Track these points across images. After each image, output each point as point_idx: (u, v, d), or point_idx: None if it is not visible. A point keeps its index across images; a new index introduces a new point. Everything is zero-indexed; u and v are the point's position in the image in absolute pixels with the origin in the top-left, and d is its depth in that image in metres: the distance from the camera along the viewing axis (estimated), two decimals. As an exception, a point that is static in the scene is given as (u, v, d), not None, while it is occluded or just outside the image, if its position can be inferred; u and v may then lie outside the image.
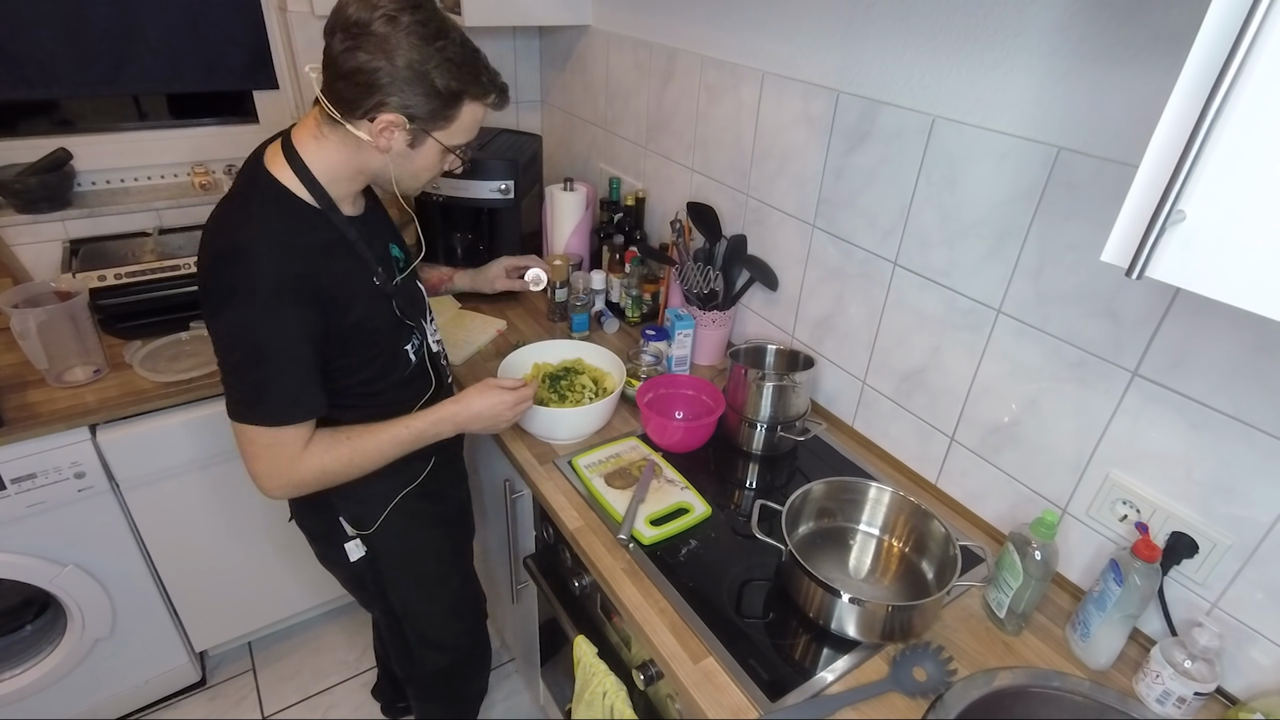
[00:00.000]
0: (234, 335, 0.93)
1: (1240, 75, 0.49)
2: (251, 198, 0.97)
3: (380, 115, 0.92)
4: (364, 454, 1.06)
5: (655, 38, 1.67)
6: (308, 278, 0.94)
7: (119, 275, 1.59)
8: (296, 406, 0.98)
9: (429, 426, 1.12)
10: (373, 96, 0.91)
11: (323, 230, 0.99)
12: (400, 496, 1.22)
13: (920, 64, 1.10)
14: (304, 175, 0.97)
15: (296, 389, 0.97)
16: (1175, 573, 0.95)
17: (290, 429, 0.98)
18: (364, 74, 0.89)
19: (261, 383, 0.95)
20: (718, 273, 1.54)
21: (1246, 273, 0.53)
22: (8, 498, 1.39)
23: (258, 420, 0.96)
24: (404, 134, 0.95)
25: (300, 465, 1.00)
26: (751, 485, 1.33)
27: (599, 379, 1.46)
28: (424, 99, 0.93)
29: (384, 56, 0.88)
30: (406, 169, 1.01)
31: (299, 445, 0.99)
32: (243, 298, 0.90)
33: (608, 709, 1.15)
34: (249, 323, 0.91)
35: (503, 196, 1.72)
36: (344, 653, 2.03)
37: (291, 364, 0.95)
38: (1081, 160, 0.93)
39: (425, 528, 1.28)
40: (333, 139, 0.97)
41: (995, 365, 1.12)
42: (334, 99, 0.93)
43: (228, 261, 0.92)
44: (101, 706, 1.75)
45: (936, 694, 0.93)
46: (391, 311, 1.09)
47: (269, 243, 0.92)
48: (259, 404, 0.96)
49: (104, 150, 1.81)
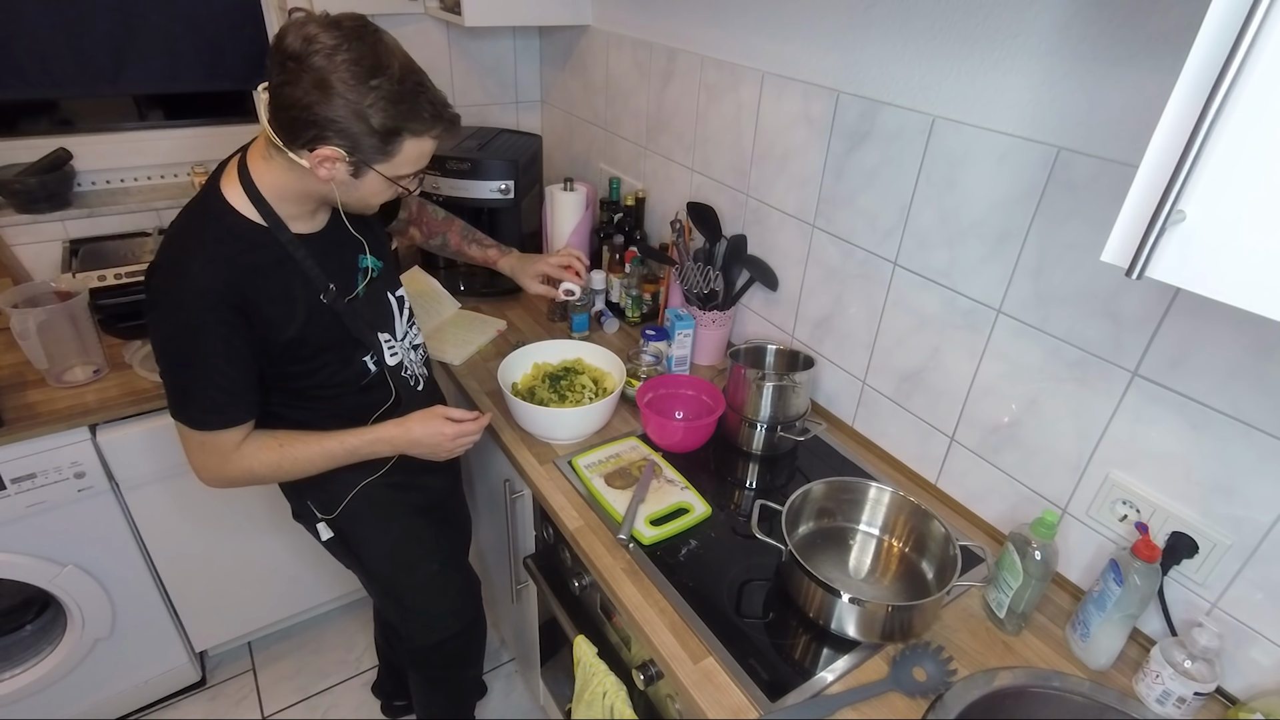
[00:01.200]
0: (161, 342, 0.98)
1: (1240, 75, 0.49)
2: (196, 215, 0.99)
3: (319, 148, 0.91)
4: (292, 461, 1.09)
5: (655, 38, 1.67)
6: (236, 293, 0.95)
7: (119, 275, 1.59)
8: (218, 415, 1.01)
9: (364, 445, 1.14)
10: (309, 130, 0.89)
11: (265, 249, 1.00)
12: (361, 485, 1.23)
13: (920, 64, 1.10)
14: (253, 194, 0.98)
15: (220, 398, 1.01)
16: (1175, 573, 0.95)
17: (217, 433, 1.02)
18: (299, 109, 0.87)
19: (186, 389, 0.99)
20: (718, 273, 1.54)
21: (1246, 273, 0.53)
22: (8, 498, 1.39)
23: (186, 421, 1.01)
24: (345, 165, 0.94)
25: (229, 465, 1.05)
26: (751, 485, 1.33)
27: (599, 379, 1.46)
28: (362, 136, 0.91)
29: (319, 94, 0.86)
30: (353, 195, 1.01)
31: (229, 446, 1.04)
32: (168, 309, 0.95)
33: (608, 709, 1.15)
34: (174, 334, 0.96)
35: (503, 196, 1.72)
36: (344, 653, 2.03)
37: (214, 373, 0.98)
38: (1081, 160, 0.93)
39: (394, 515, 1.30)
40: (278, 162, 0.96)
41: (995, 365, 1.12)
42: (276, 126, 0.92)
43: (161, 274, 0.96)
44: (101, 706, 1.75)
45: (936, 694, 0.93)
46: (340, 326, 1.09)
47: (200, 259, 0.95)
48: (187, 406, 1.00)
49: (104, 150, 1.81)
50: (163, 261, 0.97)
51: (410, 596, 1.40)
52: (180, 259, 0.95)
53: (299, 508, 1.29)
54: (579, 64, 2.00)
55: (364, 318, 1.13)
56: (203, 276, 0.94)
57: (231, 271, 0.95)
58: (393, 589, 1.39)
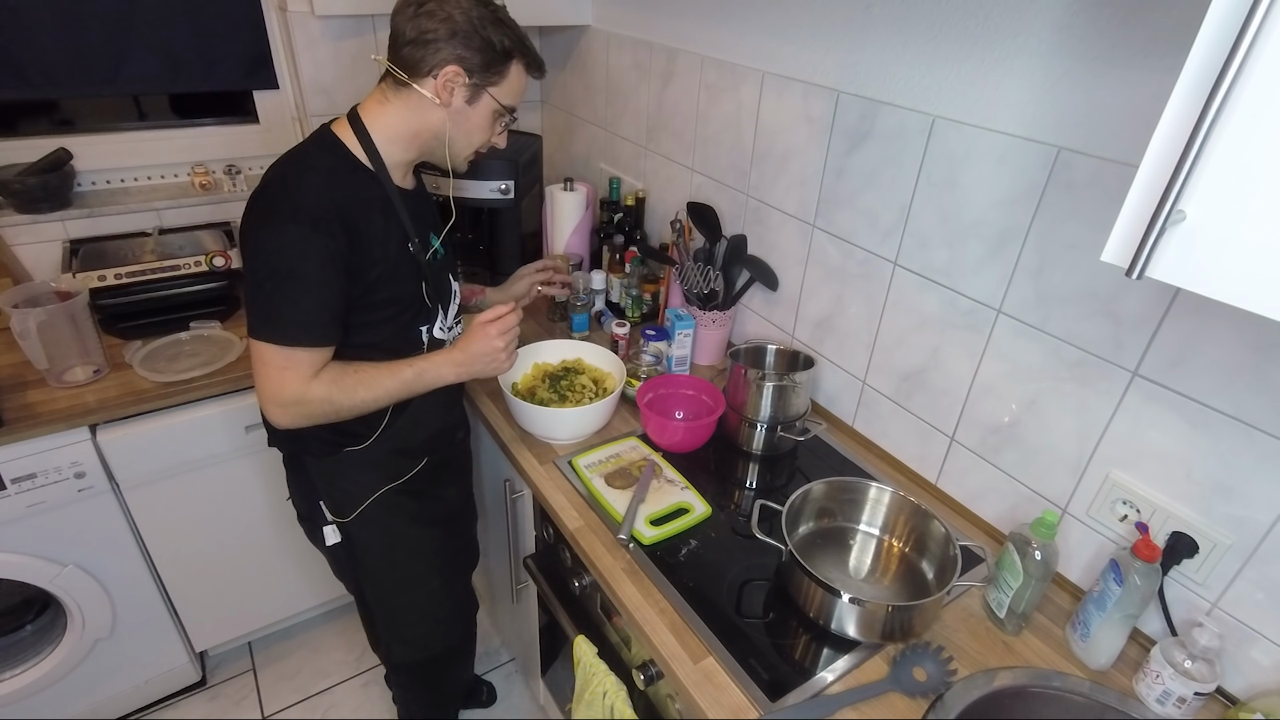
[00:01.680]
0: (265, 252, 0.98)
1: (1240, 75, 0.49)
2: (310, 148, 1.06)
3: (443, 69, 1.02)
4: (369, 387, 1.08)
5: (655, 38, 1.67)
6: (345, 214, 1.00)
7: (119, 275, 1.59)
8: (313, 330, 1.01)
9: (432, 367, 1.14)
10: (437, 53, 1.01)
11: (370, 187, 1.06)
12: (382, 491, 1.23)
13: (920, 64, 1.10)
14: (364, 139, 1.06)
15: (316, 312, 1.01)
16: (1175, 573, 0.95)
17: (303, 351, 1.01)
18: (427, 34, 1.00)
19: (283, 301, 0.99)
20: (718, 273, 1.54)
21: (1247, 272, 0.53)
22: (8, 498, 1.39)
23: (274, 338, 0.99)
24: (463, 89, 1.04)
25: (308, 390, 1.03)
26: (751, 485, 1.33)
27: (599, 379, 1.46)
28: (479, 53, 1.02)
29: (445, 17, 1.00)
30: (462, 127, 1.08)
31: (309, 369, 1.03)
32: (281, 218, 0.97)
33: (608, 709, 1.15)
34: (282, 242, 0.97)
35: (503, 196, 1.72)
36: (344, 653, 2.03)
37: (315, 287, 0.99)
38: (1081, 160, 0.93)
39: (406, 525, 1.29)
40: (396, 102, 1.06)
41: (995, 365, 1.12)
42: (401, 64, 1.03)
43: (274, 186, 1.01)
44: (101, 706, 1.75)
45: (936, 694, 0.93)
46: (418, 280, 1.13)
47: (316, 177, 1.01)
48: (277, 321, 0.99)
49: (104, 150, 1.81)
50: (275, 178, 1.02)
51: (401, 613, 1.38)
52: (296, 175, 1.01)
53: (307, 508, 1.26)
54: (579, 64, 2.00)
55: (432, 283, 1.16)
56: (318, 192, 0.99)
57: (343, 193, 1.01)
58: (384, 602, 1.37)
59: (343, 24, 1.78)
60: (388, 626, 1.40)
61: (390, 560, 1.31)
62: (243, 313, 1.74)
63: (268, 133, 1.98)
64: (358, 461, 1.19)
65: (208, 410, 1.54)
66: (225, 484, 1.65)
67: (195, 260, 1.67)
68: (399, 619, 1.39)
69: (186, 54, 1.79)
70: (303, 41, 1.76)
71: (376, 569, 1.31)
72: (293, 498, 1.29)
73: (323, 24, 1.75)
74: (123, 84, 1.76)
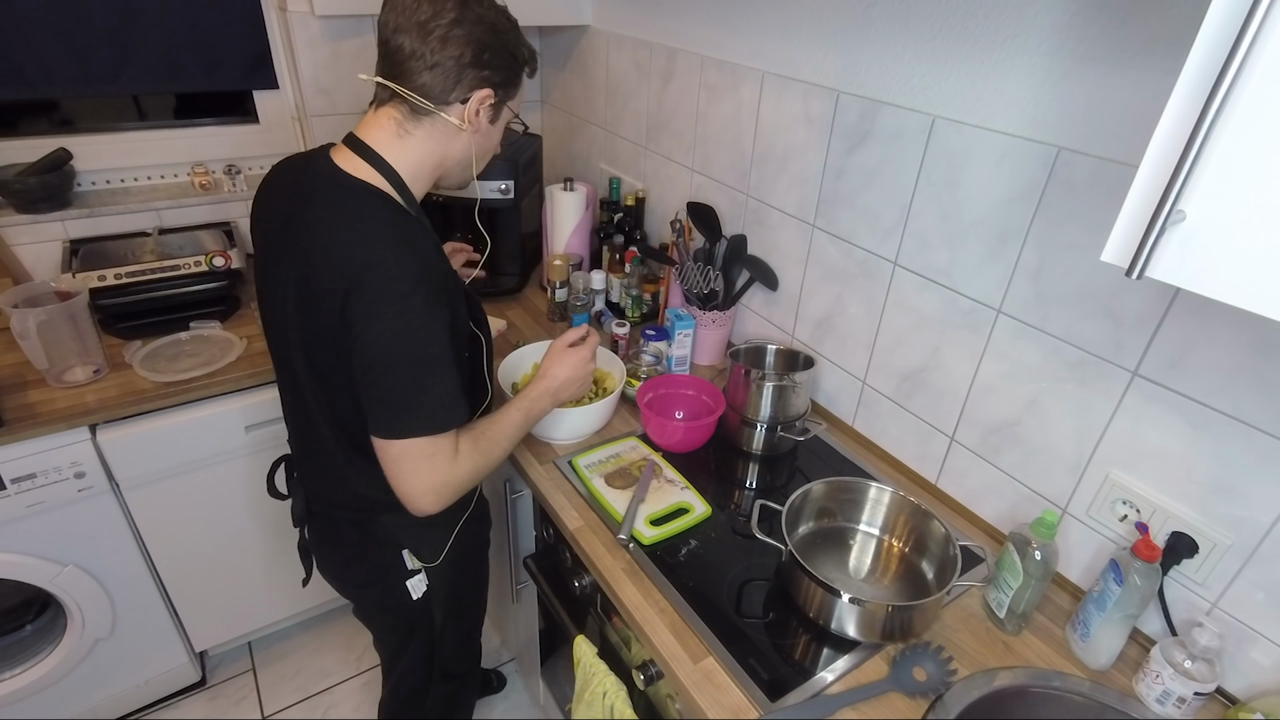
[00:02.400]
0: (394, 340, 0.88)
1: (1240, 75, 0.49)
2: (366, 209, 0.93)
3: (474, 95, 0.94)
4: (496, 443, 1.05)
5: (655, 38, 1.67)
6: (437, 275, 0.93)
7: (119, 275, 1.59)
8: (454, 410, 0.94)
9: (532, 405, 1.13)
10: (465, 78, 0.92)
11: (423, 235, 0.97)
12: (460, 524, 1.19)
13: (920, 64, 1.10)
14: (393, 179, 0.95)
15: (454, 391, 0.94)
16: (1175, 573, 0.95)
17: (449, 435, 0.95)
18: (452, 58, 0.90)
19: (422, 390, 0.91)
20: (718, 273, 1.54)
21: (1246, 273, 0.53)
22: (8, 498, 1.39)
23: (421, 430, 0.91)
24: (488, 110, 0.97)
25: (456, 469, 0.97)
26: (751, 485, 1.33)
27: (599, 379, 1.46)
28: (503, 70, 0.96)
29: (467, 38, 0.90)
30: (484, 146, 1.03)
31: (453, 449, 0.96)
32: (401, 301, 0.87)
33: (608, 709, 1.15)
34: (410, 327, 0.88)
35: (503, 196, 1.72)
36: (344, 653, 2.03)
37: (448, 365, 0.92)
38: (1081, 160, 0.93)
39: (477, 552, 1.29)
40: (418, 134, 0.95)
41: (995, 365, 1.12)
42: (422, 92, 0.92)
43: (375, 273, 0.87)
44: (101, 706, 1.75)
45: (936, 694, 0.93)
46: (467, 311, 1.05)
47: (406, 249, 0.90)
48: (420, 412, 0.91)
49: (104, 150, 1.81)
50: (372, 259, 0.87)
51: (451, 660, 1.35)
52: (388, 250, 0.88)
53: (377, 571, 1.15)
54: (579, 64, 2.00)
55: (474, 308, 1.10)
56: (416, 263, 0.89)
57: (422, 252, 0.92)
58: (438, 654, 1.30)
59: (343, 24, 1.78)
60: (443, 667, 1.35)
61: (463, 597, 1.29)
62: (242, 313, 1.75)
63: (268, 133, 1.98)
64: None
65: (208, 410, 1.54)
66: (225, 484, 1.65)
67: (195, 260, 1.66)
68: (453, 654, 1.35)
69: (186, 54, 1.79)
70: (303, 41, 1.76)
71: (448, 613, 1.26)
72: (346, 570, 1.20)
73: (323, 24, 1.75)
74: (123, 84, 1.76)
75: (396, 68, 0.92)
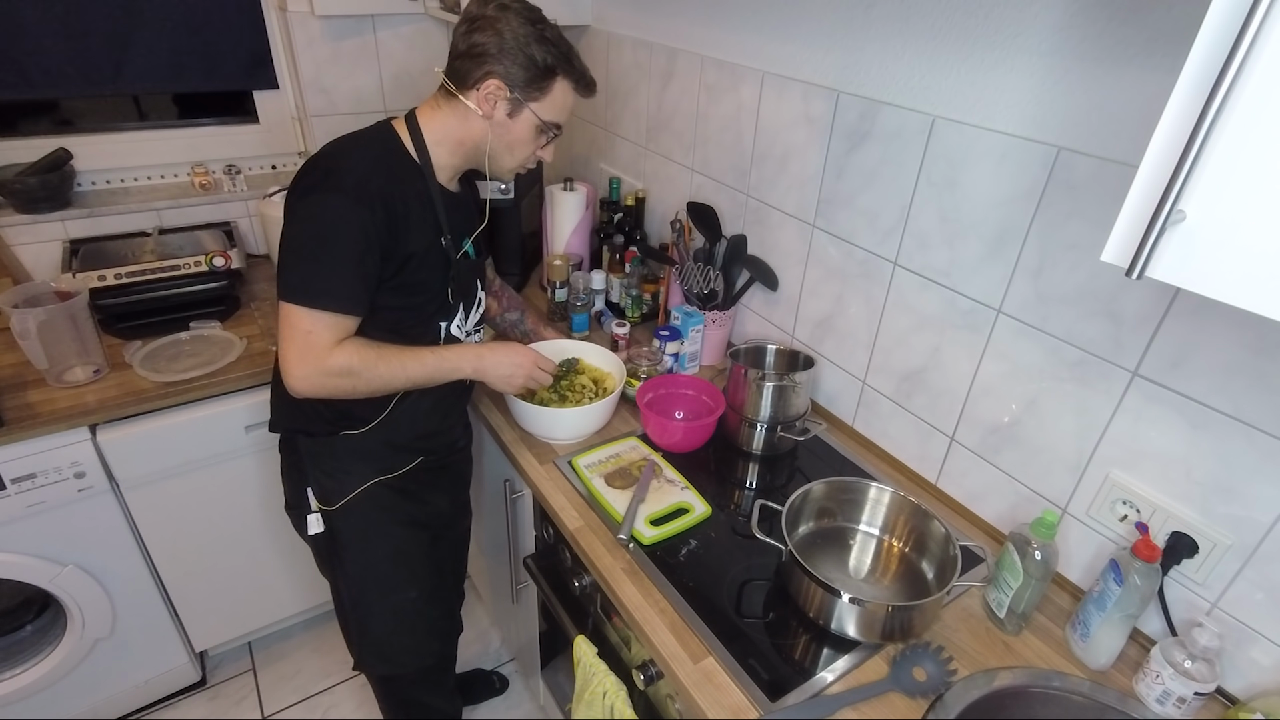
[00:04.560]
0: (306, 218, 1.02)
1: (1240, 75, 0.49)
2: (368, 133, 1.12)
3: (485, 83, 1.07)
4: (389, 364, 1.10)
5: (655, 38, 1.67)
6: (387, 195, 1.04)
7: (119, 275, 1.59)
8: (341, 296, 1.04)
9: (452, 356, 1.18)
10: (481, 67, 1.06)
11: (415, 180, 1.11)
12: (373, 482, 1.22)
13: (920, 64, 1.10)
14: (415, 136, 1.11)
15: (348, 280, 1.04)
16: (1175, 573, 0.95)
17: (329, 316, 1.03)
18: (477, 48, 1.05)
19: (317, 266, 1.02)
20: (718, 273, 1.54)
21: (1246, 273, 0.53)
22: (8, 498, 1.39)
23: (304, 300, 1.02)
24: (505, 103, 1.08)
25: (330, 358, 1.05)
26: (751, 485, 1.33)
27: (599, 379, 1.46)
28: (522, 70, 1.07)
29: (494, 33, 1.05)
30: (503, 139, 1.13)
31: (334, 336, 1.05)
32: (327, 187, 1.02)
33: (608, 709, 1.15)
34: (323, 214, 1.01)
35: (503, 196, 1.72)
36: (344, 653, 1.99)
37: (348, 257, 1.02)
38: (1081, 160, 0.93)
39: (392, 523, 1.27)
40: (445, 109, 1.12)
41: (995, 365, 1.12)
42: (451, 76, 1.10)
43: (327, 161, 1.06)
44: (101, 706, 1.75)
45: (936, 694, 0.93)
46: (445, 274, 1.16)
47: (367, 159, 1.06)
48: (309, 284, 1.02)
49: (104, 150, 1.81)
50: (327, 153, 1.07)
51: (374, 621, 1.34)
52: (349, 153, 1.07)
53: (295, 495, 1.26)
54: (579, 64, 2.00)
55: (458, 280, 1.19)
56: (365, 170, 1.04)
57: (388, 176, 1.06)
58: (360, 605, 1.32)
59: (343, 24, 1.79)
60: (360, 631, 1.36)
61: (370, 557, 1.28)
62: (242, 313, 1.75)
63: (268, 133, 1.98)
64: (351, 448, 1.19)
65: (208, 410, 1.54)
66: (225, 484, 1.65)
67: (195, 260, 1.67)
68: (372, 625, 1.35)
69: (186, 54, 1.79)
70: (303, 41, 1.76)
71: (355, 565, 1.28)
72: (284, 482, 1.29)
73: (323, 24, 1.76)
74: (123, 84, 1.76)
75: (448, 57, 1.11)
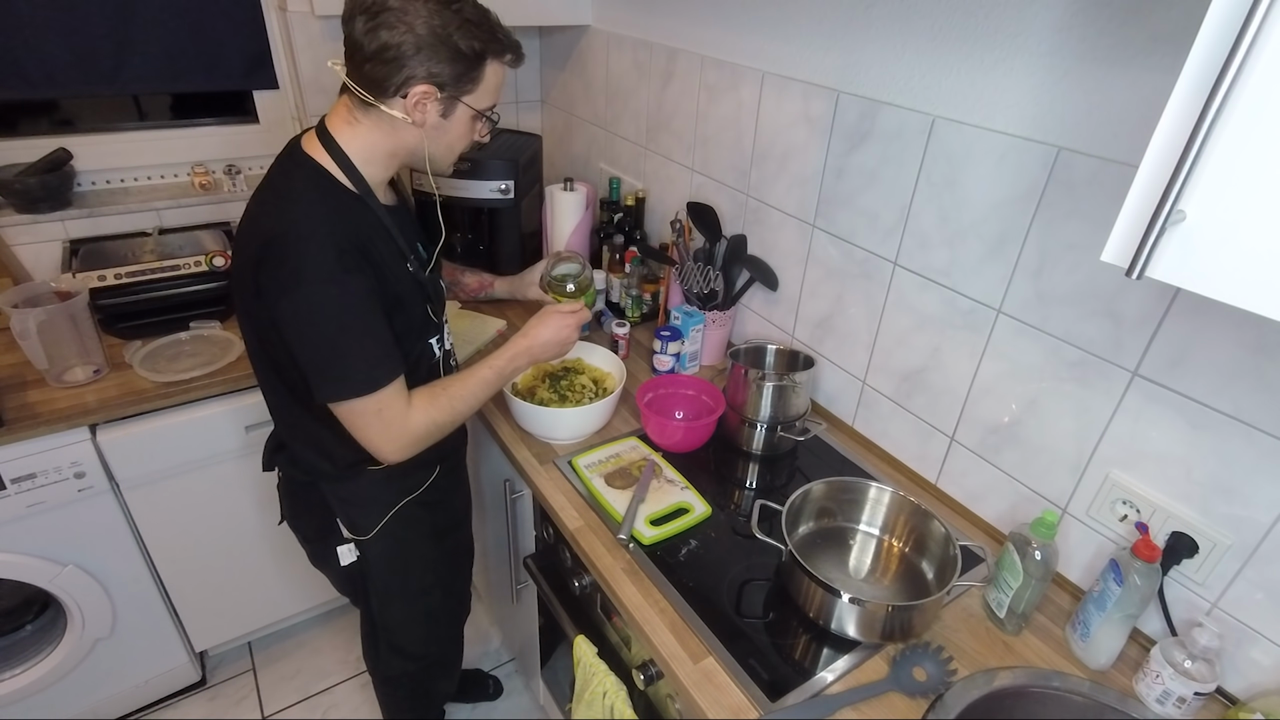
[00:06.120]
0: (307, 312, 0.92)
1: (1240, 75, 0.49)
2: (294, 181, 0.98)
3: (411, 89, 0.93)
4: (461, 399, 1.09)
5: (655, 38, 1.67)
6: (360, 248, 0.95)
7: (119, 275, 1.59)
8: (386, 367, 0.99)
9: (507, 363, 1.15)
10: (400, 72, 0.92)
11: (363, 213, 1.00)
12: (401, 505, 1.22)
13: (920, 64, 1.10)
14: (341, 161, 0.98)
15: (382, 346, 0.98)
16: (1175, 573, 0.95)
17: (387, 390, 0.99)
18: (390, 49, 0.90)
19: (344, 355, 0.95)
20: (718, 273, 1.54)
21: (1247, 273, 0.53)
22: (8, 498, 1.38)
23: (358, 392, 0.97)
24: (436, 104, 0.96)
25: (410, 421, 1.02)
26: (751, 485, 1.33)
27: (599, 379, 1.46)
28: (449, 65, 0.93)
29: (405, 29, 0.89)
30: (441, 142, 1.02)
31: (401, 402, 1.01)
32: (311, 274, 0.90)
33: (608, 709, 1.15)
34: (320, 298, 0.91)
35: (503, 196, 1.72)
36: (344, 653, 2.03)
37: (370, 329, 0.96)
38: (1081, 160, 0.93)
39: (421, 537, 1.28)
40: (366, 123, 0.98)
41: (995, 365, 1.12)
42: (364, 83, 0.94)
43: (285, 243, 0.91)
44: (101, 706, 1.75)
45: (936, 694, 0.93)
46: (422, 298, 1.11)
47: (316, 216, 0.93)
48: (350, 376, 0.96)
49: (104, 150, 1.81)
50: (279, 231, 0.92)
51: (404, 625, 1.37)
52: (296, 219, 0.93)
53: (318, 530, 1.23)
54: (579, 64, 2.00)
55: (435, 300, 1.15)
56: (330, 232, 0.92)
57: (345, 224, 0.95)
58: (390, 615, 1.34)
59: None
60: (390, 638, 1.38)
61: (403, 574, 1.29)
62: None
63: (267, 133, 1.98)
64: (377, 478, 1.17)
65: (208, 410, 1.54)
66: (225, 484, 1.65)
67: (195, 260, 1.66)
68: (401, 630, 1.37)
69: (186, 54, 1.79)
70: (302, 41, 1.76)
71: (389, 583, 1.29)
72: (296, 521, 1.27)
73: (323, 24, 1.75)
74: (123, 84, 1.76)
75: (347, 55, 0.95)
